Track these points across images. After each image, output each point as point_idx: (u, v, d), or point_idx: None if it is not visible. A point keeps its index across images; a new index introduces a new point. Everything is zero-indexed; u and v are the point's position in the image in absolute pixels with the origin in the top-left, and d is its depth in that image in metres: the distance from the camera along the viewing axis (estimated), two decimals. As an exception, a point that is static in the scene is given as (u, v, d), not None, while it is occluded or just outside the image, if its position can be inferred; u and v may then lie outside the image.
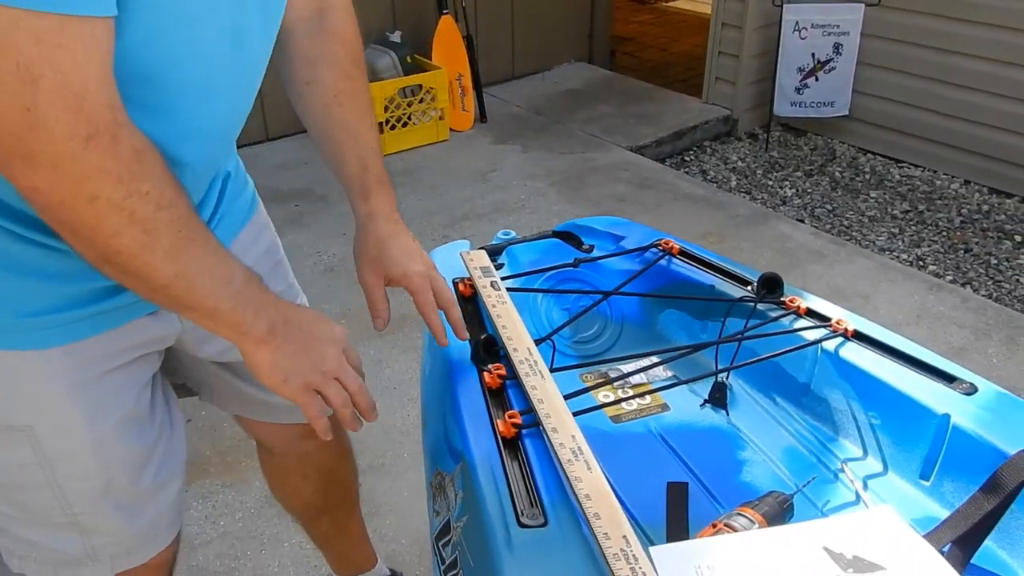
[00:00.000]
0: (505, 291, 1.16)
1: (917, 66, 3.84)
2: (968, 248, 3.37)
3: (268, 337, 0.86)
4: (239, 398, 1.22)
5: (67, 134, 0.67)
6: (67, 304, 0.90)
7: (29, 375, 0.91)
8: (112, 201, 0.71)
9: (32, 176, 0.68)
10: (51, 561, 1.04)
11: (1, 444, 0.94)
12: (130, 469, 1.01)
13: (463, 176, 3.67)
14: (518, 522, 0.83)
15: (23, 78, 0.64)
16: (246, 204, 1.12)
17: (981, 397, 0.99)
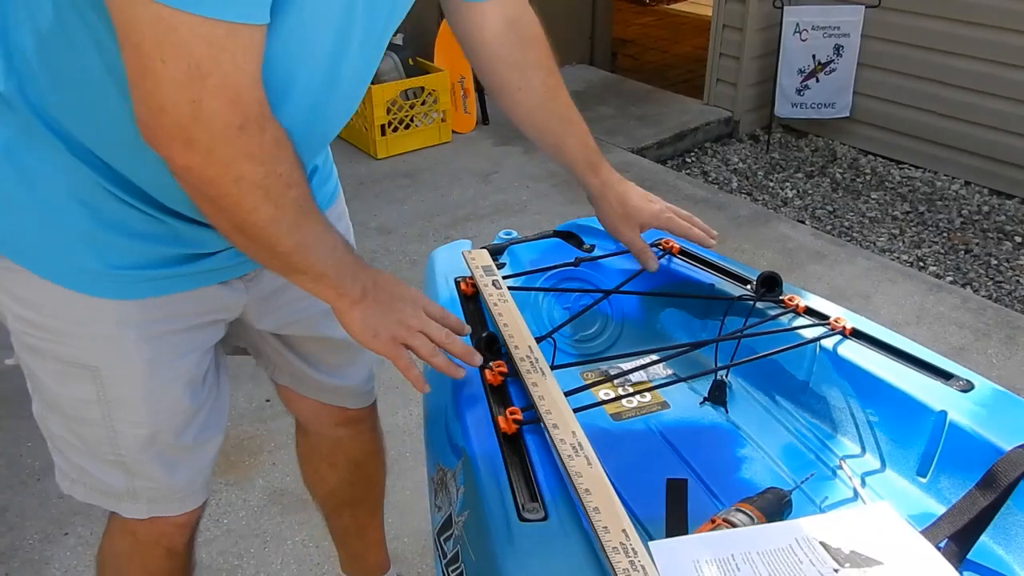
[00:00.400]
0: (506, 290, 1.17)
1: (918, 67, 3.85)
2: (968, 249, 3.38)
3: (361, 298, 0.96)
4: (290, 371, 1.30)
5: (224, 123, 0.77)
6: (150, 263, 0.99)
7: (104, 321, 1.00)
8: (254, 181, 0.81)
9: (189, 157, 0.78)
10: (97, 489, 1.14)
11: (70, 378, 1.03)
12: (176, 425, 1.10)
13: (465, 177, 3.68)
14: (519, 516, 0.84)
15: (194, 75, 0.74)
16: (328, 193, 1.21)
17: (977, 394, 1.00)
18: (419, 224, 3.26)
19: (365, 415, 1.43)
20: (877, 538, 0.88)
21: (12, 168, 0.92)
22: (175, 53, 0.73)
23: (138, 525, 1.18)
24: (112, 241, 0.95)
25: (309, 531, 1.95)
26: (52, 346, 1.01)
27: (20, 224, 0.94)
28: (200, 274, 1.04)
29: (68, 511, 2.01)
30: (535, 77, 1.18)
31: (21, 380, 1.02)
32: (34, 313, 0.99)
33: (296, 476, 2.09)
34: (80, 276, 0.96)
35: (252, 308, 1.15)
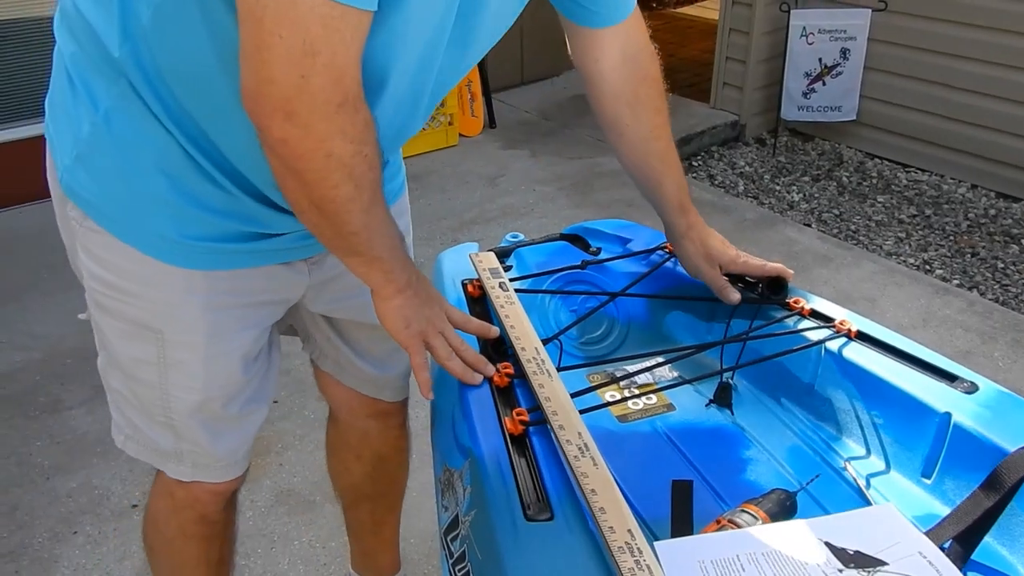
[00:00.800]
0: (513, 292, 1.18)
1: (924, 71, 3.85)
2: (975, 252, 3.37)
3: (404, 288, 1.02)
4: (335, 358, 1.36)
5: (326, 100, 0.81)
6: (221, 237, 1.04)
7: (173, 287, 1.05)
8: (343, 158, 0.85)
9: (288, 129, 0.82)
10: (147, 447, 1.20)
11: (135, 338, 1.09)
12: (226, 395, 1.15)
13: (472, 181, 3.69)
14: (525, 516, 0.85)
15: (306, 51, 0.78)
16: (395, 189, 1.27)
17: (982, 396, 1.00)
18: (426, 227, 3.27)
19: (396, 410, 1.46)
20: (882, 539, 0.88)
21: (110, 135, 0.97)
22: (293, 29, 0.77)
23: (176, 487, 1.23)
24: (189, 212, 1.01)
25: (316, 532, 1.97)
26: (122, 306, 1.07)
27: (109, 189, 1.00)
28: (266, 252, 1.09)
29: (77, 510, 2.03)
30: (644, 115, 1.21)
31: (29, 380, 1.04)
32: (109, 273, 1.05)
33: (303, 477, 2.11)
34: (156, 242, 1.02)
35: (310, 290, 1.21)
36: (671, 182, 1.23)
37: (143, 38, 0.92)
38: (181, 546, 1.31)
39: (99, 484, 2.11)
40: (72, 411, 2.33)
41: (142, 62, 0.93)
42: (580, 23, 1.17)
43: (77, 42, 0.98)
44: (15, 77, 3.33)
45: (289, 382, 2.38)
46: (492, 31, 1.04)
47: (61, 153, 1.02)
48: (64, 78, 1.00)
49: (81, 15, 0.96)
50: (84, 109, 0.98)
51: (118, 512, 2.03)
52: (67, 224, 1.08)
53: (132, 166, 0.98)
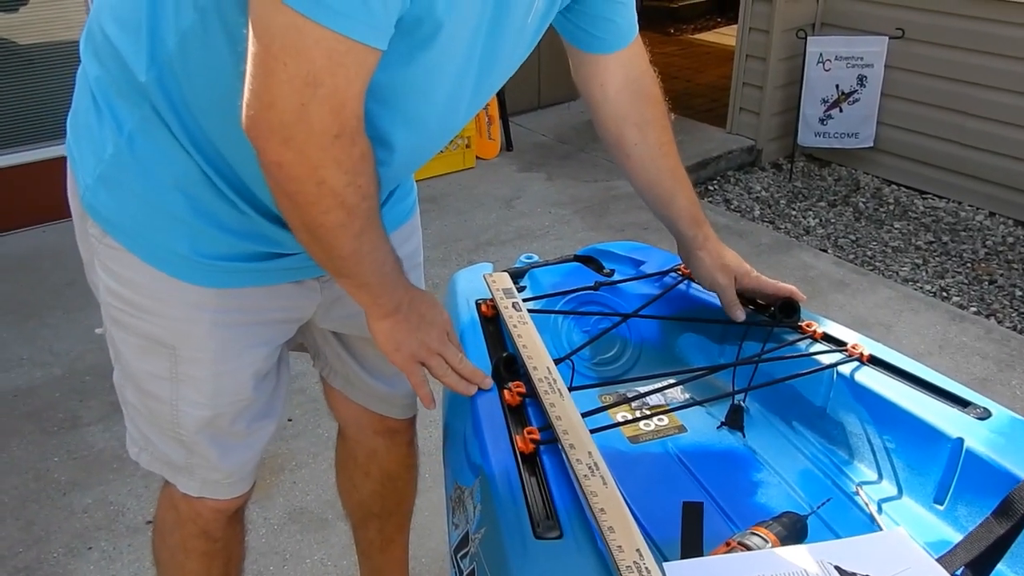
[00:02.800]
0: (526, 312, 1.19)
1: (942, 98, 3.85)
2: (993, 280, 3.35)
3: (392, 313, 1.04)
4: (345, 374, 1.37)
5: (323, 129, 0.83)
6: (234, 256, 1.07)
7: (184, 304, 1.07)
8: (334, 187, 0.87)
9: (283, 153, 0.84)
10: (159, 459, 1.22)
11: (149, 353, 1.11)
12: (234, 411, 1.16)
13: (488, 203, 3.72)
14: (534, 534, 0.85)
15: (308, 82, 0.80)
16: (406, 210, 1.30)
17: (995, 422, 1.00)
18: (442, 248, 3.29)
19: (403, 427, 1.47)
20: (893, 564, 0.88)
21: (132, 156, 1.00)
22: (298, 58, 0.79)
23: (180, 500, 1.25)
24: (205, 231, 1.04)
25: (328, 550, 1.97)
26: (136, 322, 1.09)
27: (128, 207, 1.03)
28: (277, 271, 1.11)
29: (92, 526, 2.04)
30: (651, 134, 1.23)
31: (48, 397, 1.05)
32: (125, 289, 1.08)
33: (316, 496, 2.12)
34: (171, 259, 1.05)
35: (320, 307, 1.23)
36: (683, 196, 1.25)
37: (169, 64, 0.95)
38: (183, 560, 1.32)
39: (115, 500, 2.12)
40: (90, 427, 2.36)
41: (167, 87, 0.96)
42: (586, 49, 1.19)
43: (103, 65, 1.01)
44: (37, 100, 3.39)
45: (304, 401, 2.39)
46: (511, 59, 1.06)
47: (83, 172, 1.05)
48: (88, 99, 1.03)
49: (108, 40, 0.99)
50: (108, 131, 1.01)
51: (133, 528, 2.04)
52: (86, 240, 1.11)
53: (152, 186, 1.01)
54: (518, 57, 1.08)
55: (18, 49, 3.41)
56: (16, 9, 3.41)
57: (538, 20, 1.05)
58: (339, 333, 1.31)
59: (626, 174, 1.27)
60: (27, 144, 3.38)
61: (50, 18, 3.40)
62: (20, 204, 3.39)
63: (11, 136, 3.36)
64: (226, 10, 0.89)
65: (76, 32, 3.40)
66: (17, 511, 2.09)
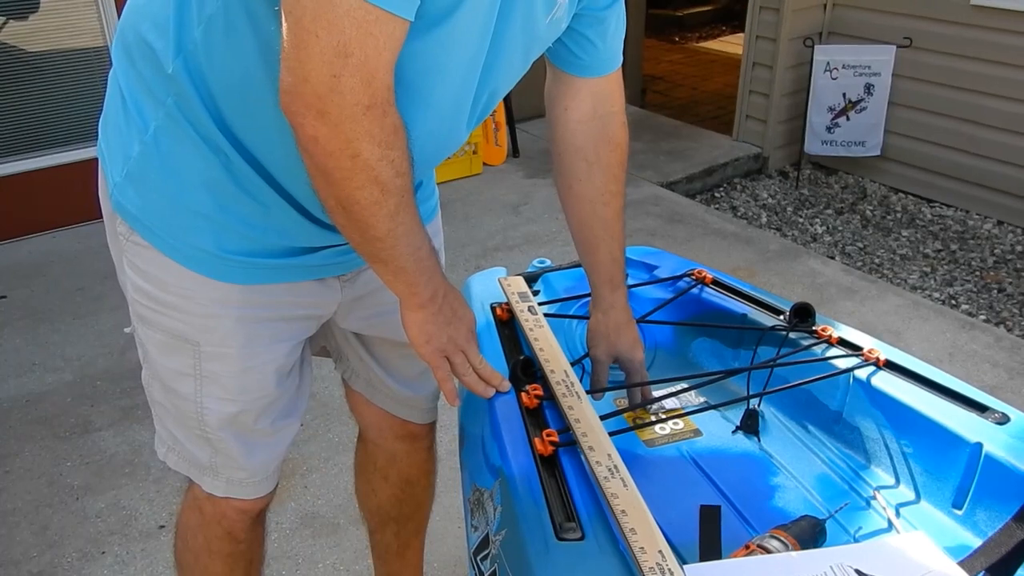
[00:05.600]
0: (542, 315, 1.19)
1: (950, 107, 3.85)
2: (1002, 288, 3.35)
3: (428, 303, 1.03)
4: (366, 377, 1.37)
5: (355, 101, 0.83)
6: (258, 252, 1.07)
7: (209, 300, 1.08)
8: (368, 160, 0.87)
9: (319, 128, 0.84)
10: (187, 459, 1.23)
11: (174, 350, 1.12)
12: (258, 408, 1.17)
13: (495, 209, 3.72)
14: (556, 536, 0.85)
15: (339, 52, 0.81)
16: (428, 211, 1.27)
17: (1013, 426, 1.00)
18: (450, 254, 3.29)
19: (424, 432, 1.48)
20: (913, 567, 0.88)
21: (158, 154, 1.02)
22: (329, 29, 0.80)
23: (205, 502, 1.25)
24: (229, 227, 1.05)
25: (340, 555, 1.97)
26: (161, 318, 1.11)
27: (154, 204, 1.04)
28: (300, 268, 1.12)
29: (106, 531, 2.04)
30: (598, 178, 1.20)
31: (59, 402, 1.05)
32: (151, 286, 1.09)
33: (327, 500, 2.12)
34: (196, 256, 1.05)
35: (342, 307, 1.23)
36: (607, 253, 1.21)
37: (194, 53, 0.96)
38: (207, 562, 1.32)
39: (127, 505, 2.13)
40: (101, 432, 2.36)
41: (193, 77, 0.97)
42: (562, 67, 1.19)
43: (132, 63, 1.02)
44: (47, 107, 3.41)
45: (314, 405, 2.40)
46: (525, 55, 1.06)
47: (112, 171, 1.06)
48: (118, 100, 1.05)
49: (140, 36, 1.00)
50: (135, 130, 1.02)
51: (146, 533, 2.04)
52: (116, 240, 1.12)
53: (177, 183, 1.02)
54: (529, 53, 1.07)
55: (27, 57, 3.43)
56: (26, 17, 3.43)
57: (556, 23, 1.05)
58: (361, 335, 1.32)
59: (564, 209, 1.25)
60: (37, 151, 3.40)
61: (59, 26, 3.42)
62: (31, 210, 3.41)
63: (21, 143, 3.38)
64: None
65: (85, 39, 3.42)
66: (31, 516, 2.09)
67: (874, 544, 0.95)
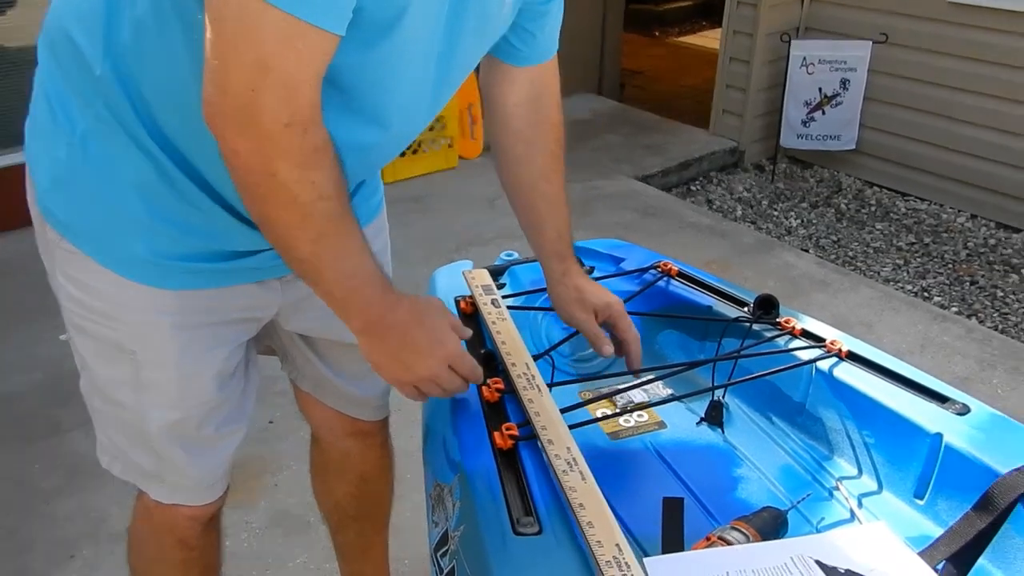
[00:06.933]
0: (505, 308, 1.18)
1: (924, 102, 3.88)
2: (974, 280, 3.37)
3: (363, 331, 0.98)
4: (313, 377, 1.34)
5: (272, 117, 0.80)
6: (194, 256, 1.04)
7: (144, 307, 1.05)
8: (286, 181, 0.83)
9: (239, 142, 0.82)
10: (132, 468, 1.20)
11: (111, 359, 1.09)
12: (201, 415, 1.14)
13: (471, 202, 3.71)
14: (514, 530, 0.85)
15: (259, 66, 0.78)
16: (372, 207, 1.26)
17: (973, 417, 1.00)
18: (425, 248, 3.28)
19: (376, 429, 1.45)
20: (873, 558, 0.88)
21: (86, 157, 0.98)
22: (249, 41, 0.77)
23: (155, 509, 1.23)
24: (162, 232, 1.01)
25: (311, 553, 1.95)
26: (97, 327, 1.07)
27: (84, 210, 1.01)
28: (237, 271, 1.08)
29: (75, 534, 2.01)
30: (539, 157, 1.21)
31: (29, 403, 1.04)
32: (84, 294, 1.05)
33: (299, 498, 2.10)
34: (128, 262, 1.02)
35: (284, 309, 1.20)
36: (552, 228, 1.22)
37: (124, 55, 0.93)
38: (161, 571, 1.30)
39: (97, 507, 2.09)
40: (71, 433, 2.32)
41: (123, 79, 0.94)
42: (502, 58, 1.17)
43: (59, 63, 0.98)
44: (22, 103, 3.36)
45: (285, 403, 2.36)
46: (475, 52, 1.05)
47: (39, 176, 1.02)
48: (44, 101, 1.01)
49: (66, 35, 0.96)
50: (62, 131, 0.98)
51: (116, 536, 2.01)
52: (46, 246, 1.08)
53: (107, 187, 0.99)
54: (481, 48, 1.06)
55: (3, 52, 3.38)
56: (3, 12, 3.38)
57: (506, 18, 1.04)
58: (306, 336, 1.29)
59: (506, 191, 1.25)
60: (13, 146, 3.35)
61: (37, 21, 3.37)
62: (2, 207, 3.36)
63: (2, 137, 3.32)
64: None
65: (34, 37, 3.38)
66: None
67: (835, 535, 0.95)
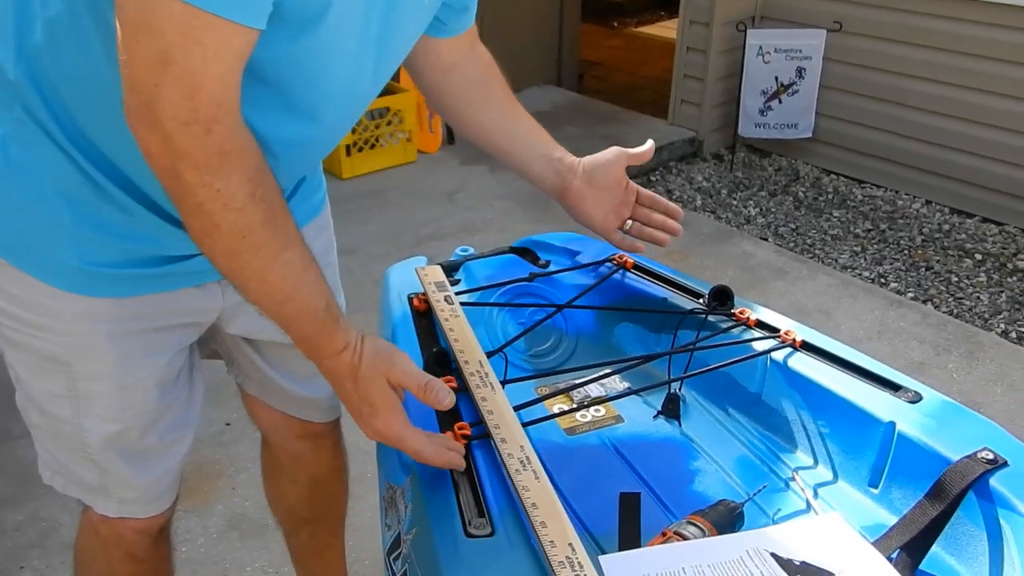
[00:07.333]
0: (458, 305, 1.16)
1: (878, 90, 3.92)
2: (929, 266, 3.42)
3: (318, 360, 0.93)
4: (260, 380, 1.31)
5: (173, 115, 0.76)
6: (126, 262, 1.00)
7: (77, 317, 1.01)
8: (190, 185, 0.79)
9: (150, 140, 0.78)
10: (74, 482, 1.16)
11: (44, 372, 1.06)
12: (143, 424, 1.11)
13: (430, 197, 3.68)
14: (465, 532, 0.83)
15: (160, 60, 0.74)
16: (313, 206, 1.24)
17: (925, 405, 1.00)
18: (384, 244, 3.25)
19: (327, 430, 1.42)
20: (828, 549, 0.87)
21: (6, 162, 0.94)
22: (149, 35, 0.74)
23: (101, 524, 1.19)
24: (91, 238, 0.97)
25: (269, 557, 1.92)
26: (29, 340, 1.04)
27: (6, 218, 0.97)
28: (175, 276, 1.05)
29: (24, 544, 1.96)
30: (497, 89, 1.23)
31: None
32: (13, 306, 1.02)
33: (255, 501, 2.06)
34: (57, 271, 0.98)
35: (226, 312, 1.16)
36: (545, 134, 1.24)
37: (37, 56, 0.89)
38: None
39: (47, 516, 2.04)
40: (20, 440, 2.26)
41: (38, 81, 0.90)
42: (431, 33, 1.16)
43: None
44: None
45: (241, 405, 2.33)
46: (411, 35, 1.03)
47: None
48: None
49: None
50: None
51: (67, 545, 1.94)
52: None
53: (31, 194, 0.95)
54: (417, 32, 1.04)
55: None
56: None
57: None
58: (251, 339, 1.25)
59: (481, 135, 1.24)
60: None
61: None
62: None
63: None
64: None
65: None
66: (-57, 529, 2.00)
67: (790, 527, 0.95)
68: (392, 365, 0.92)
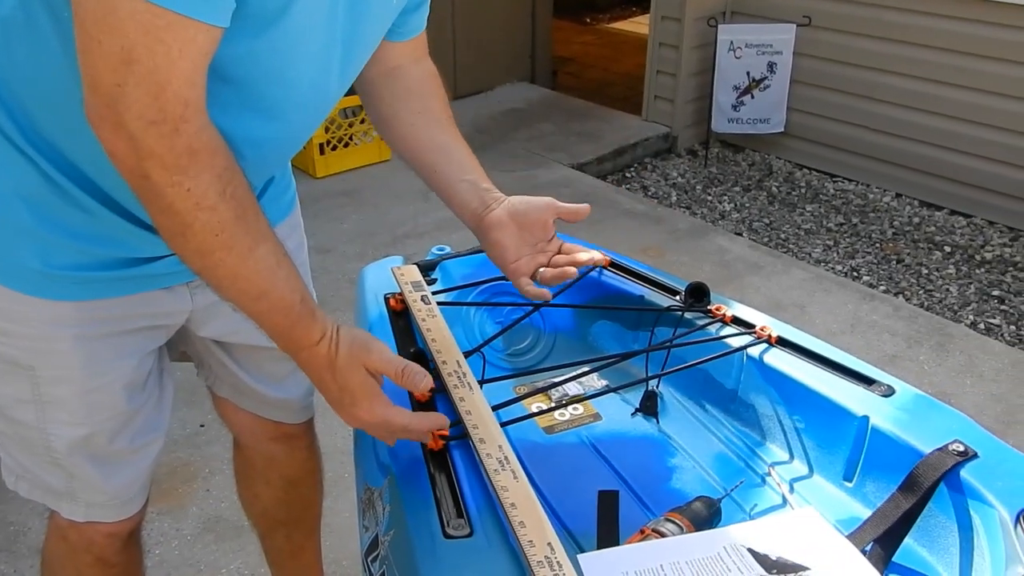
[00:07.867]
0: (435, 305, 1.16)
1: (849, 84, 3.96)
2: (900, 259, 3.46)
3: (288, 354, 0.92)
4: (231, 382, 1.29)
5: (139, 114, 0.75)
6: (91, 265, 0.98)
7: (41, 321, 0.99)
8: (158, 185, 0.78)
9: (115, 141, 0.77)
10: (40, 487, 1.14)
11: (7, 376, 1.03)
12: (111, 428, 1.09)
13: (405, 196, 3.66)
14: (443, 533, 0.83)
15: (123, 59, 0.73)
16: (283, 206, 1.21)
17: (898, 399, 1.02)
18: (358, 243, 3.23)
19: (301, 432, 1.41)
20: (803, 543, 0.88)
21: None
22: (111, 34, 0.73)
23: (69, 529, 1.17)
24: (54, 241, 0.95)
25: (244, 559, 1.91)
26: None
27: None
28: (142, 278, 1.03)
29: (-11, 547, 1.93)
30: (435, 104, 1.18)
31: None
32: None
33: (231, 503, 2.05)
34: (20, 275, 0.96)
35: (196, 314, 1.14)
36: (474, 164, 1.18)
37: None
38: None
39: (15, 520, 2.01)
40: (-13, 441, 2.23)
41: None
42: None
43: None
44: None
45: (217, 405, 2.31)
46: (378, 30, 1.02)
47: None
48: None
49: None
50: None
51: (35, 549, 1.92)
52: None
53: None
54: (383, 30, 1.03)
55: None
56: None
57: None
58: (221, 341, 1.23)
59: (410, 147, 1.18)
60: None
61: None
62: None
63: None
64: None
65: None
66: (-92, 536, 1.96)
67: (766, 522, 0.96)
68: (369, 353, 0.92)
